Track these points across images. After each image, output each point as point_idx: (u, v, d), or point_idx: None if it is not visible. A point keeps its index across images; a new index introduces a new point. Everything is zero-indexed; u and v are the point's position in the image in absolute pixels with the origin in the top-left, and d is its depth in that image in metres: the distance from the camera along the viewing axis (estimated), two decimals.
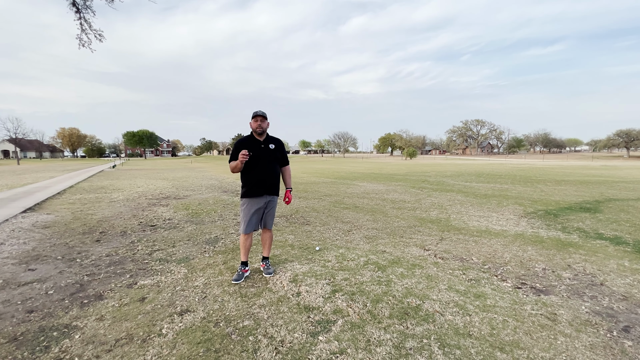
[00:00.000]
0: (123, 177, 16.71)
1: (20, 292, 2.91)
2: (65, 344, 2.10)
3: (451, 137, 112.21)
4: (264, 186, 3.12)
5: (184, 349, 2.05)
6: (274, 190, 3.21)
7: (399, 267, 3.43)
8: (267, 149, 3.13)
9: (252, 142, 3.10)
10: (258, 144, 3.11)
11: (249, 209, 3.13)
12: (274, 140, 3.23)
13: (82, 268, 3.51)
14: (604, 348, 2.05)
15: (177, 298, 2.77)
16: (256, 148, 3.08)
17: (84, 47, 7.40)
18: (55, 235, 4.89)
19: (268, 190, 3.16)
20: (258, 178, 3.11)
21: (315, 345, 2.08)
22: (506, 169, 23.34)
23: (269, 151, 3.14)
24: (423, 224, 5.54)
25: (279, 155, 3.23)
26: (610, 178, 14.57)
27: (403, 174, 18.29)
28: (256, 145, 3.10)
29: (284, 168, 3.36)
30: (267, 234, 3.36)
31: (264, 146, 3.12)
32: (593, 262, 3.62)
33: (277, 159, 3.21)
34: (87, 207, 7.45)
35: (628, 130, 66.51)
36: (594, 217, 6.02)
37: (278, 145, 3.23)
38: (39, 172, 22.36)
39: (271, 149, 3.15)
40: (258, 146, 3.10)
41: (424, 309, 2.54)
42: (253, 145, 3.08)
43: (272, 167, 3.16)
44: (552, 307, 2.59)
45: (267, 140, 3.16)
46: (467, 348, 2.04)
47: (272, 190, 3.20)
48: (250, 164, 3.06)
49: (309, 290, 2.89)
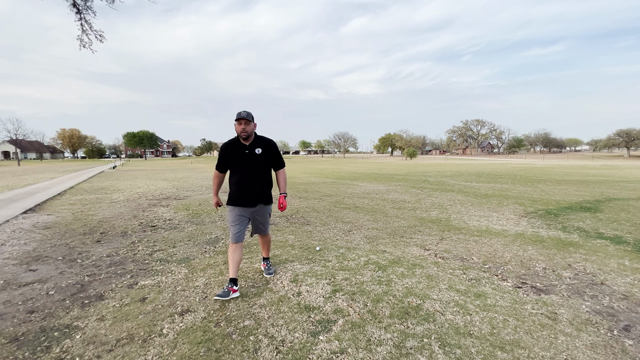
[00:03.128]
0: (123, 178, 16.72)
1: (21, 292, 2.92)
2: (66, 344, 2.10)
3: (451, 137, 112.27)
4: (249, 196, 2.86)
5: (185, 348, 2.05)
6: (261, 198, 2.93)
7: (399, 267, 3.44)
8: (252, 155, 2.83)
9: (236, 148, 2.83)
10: (242, 149, 2.82)
11: (235, 216, 2.88)
12: (263, 142, 2.90)
13: (83, 268, 3.52)
14: (605, 347, 2.05)
15: (177, 298, 2.77)
16: (240, 155, 2.82)
17: (84, 48, 7.42)
18: (56, 236, 4.89)
19: (254, 200, 2.89)
20: (242, 187, 2.85)
21: (316, 344, 2.08)
22: (506, 168, 23.33)
23: (255, 157, 2.83)
24: (423, 223, 5.54)
25: (267, 159, 2.91)
26: (611, 178, 14.57)
27: (403, 174, 18.29)
28: (240, 151, 2.82)
29: (278, 172, 3.05)
30: (263, 238, 3.21)
31: (249, 152, 2.82)
32: (593, 261, 3.62)
33: (265, 164, 2.91)
34: (87, 207, 7.46)
35: (628, 130, 66.51)
36: (595, 216, 6.02)
37: (267, 148, 2.90)
38: (40, 173, 22.38)
39: (257, 154, 2.84)
40: (242, 152, 2.82)
41: (424, 308, 2.54)
42: (237, 151, 2.82)
43: (259, 175, 2.87)
44: (552, 307, 2.59)
45: (253, 144, 2.84)
46: (467, 347, 2.04)
47: (259, 200, 2.92)
48: (234, 171, 2.87)
49: (310, 290, 2.89)
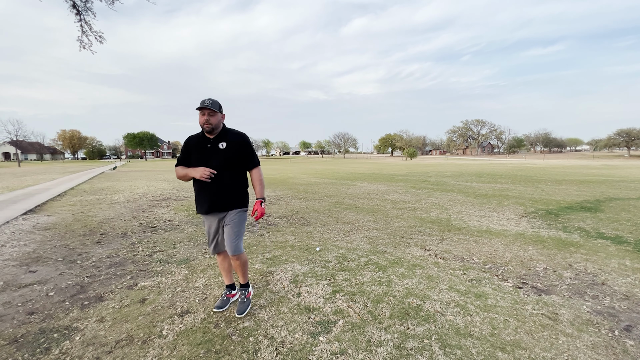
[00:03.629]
0: (124, 179, 16.72)
1: (21, 294, 2.91)
2: (66, 346, 2.10)
3: (451, 137, 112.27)
4: (209, 200, 2.40)
5: (185, 350, 2.05)
6: (224, 204, 2.42)
7: (399, 268, 3.43)
8: (214, 150, 2.38)
9: (199, 142, 2.43)
10: (205, 144, 2.41)
11: (206, 225, 2.54)
12: (230, 136, 2.44)
13: (83, 270, 3.51)
14: (606, 348, 2.05)
15: (177, 299, 2.77)
16: (201, 150, 2.41)
17: (84, 49, 7.42)
18: (56, 237, 4.89)
19: (215, 206, 2.41)
20: (201, 189, 2.42)
21: (316, 345, 2.07)
22: (507, 168, 23.32)
23: (217, 152, 2.37)
24: (423, 224, 5.53)
25: (233, 156, 2.40)
26: (611, 177, 14.55)
27: (403, 174, 18.29)
28: (202, 145, 2.42)
29: (252, 172, 2.56)
30: (232, 259, 2.49)
31: (211, 146, 2.39)
32: (594, 261, 3.62)
33: (230, 162, 2.40)
34: (87, 208, 7.46)
35: (628, 130, 66.46)
36: (595, 216, 6.01)
37: (234, 143, 2.42)
38: (40, 174, 22.39)
39: (221, 148, 2.38)
40: (204, 147, 2.40)
41: (424, 309, 2.54)
42: (199, 145, 2.43)
43: (220, 175, 2.36)
44: (553, 307, 2.58)
45: (218, 138, 2.41)
46: (468, 348, 2.04)
47: (220, 205, 2.41)
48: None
49: (310, 290, 2.89)
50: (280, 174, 19.71)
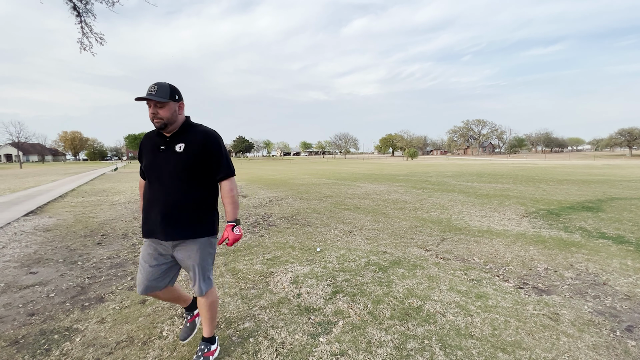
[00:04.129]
0: (125, 180, 16.75)
1: (22, 295, 2.92)
2: (66, 347, 2.10)
3: (452, 137, 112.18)
4: (155, 220, 1.74)
5: (185, 350, 2.05)
6: (175, 230, 1.73)
7: (400, 268, 3.42)
8: (168, 153, 1.74)
9: (151, 142, 1.83)
10: (158, 144, 1.79)
11: (145, 254, 1.81)
12: (192, 134, 1.77)
13: (84, 271, 3.52)
14: (607, 348, 2.04)
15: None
16: (154, 152, 1.80)
17: (85, 51, 7.44)
18: (57, 238, 4.90)
19: (159, 230, 1.73)
20: (148, 206, 1.80)
21: (316, 346, 2.07)
22: (508, 168, 23.28)
23: (172, 156, 1.73)
24: (424, 224, 5.52)
25: (192, 161, 1.73)
26: (613, 177, 14.51)
27: (404, 174, 18.27)
28: (155, 147, 1.80)
29: (222, 184, 1.84)
30: (199, 299, 1.88)
31: (165, 148, 1.76)
32: (596, 261, 3.60)
33: (188, 169, 1.73)
34: (88, 209, 7.48)
35: (630, 129, 66.25)
36: (597, 216, 5.99)
37: (195, 143, 1.74)
38: (41, 175, 22.46)
39: (177, 152, 1.73)
40: (156, 149, 1.79)
41: (425, 309, 2.53)
42: (151, 146, 1.82)
43: (173, 186, 1.73)
44: (554, 307, 2.57)
45: (176, 137, 1.76)
46: (468, 349, 2.03)
47: (169, 231, 1.72)
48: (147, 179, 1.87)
49: (310, 291, 2.88)
50: (281, 174, 19.72)
